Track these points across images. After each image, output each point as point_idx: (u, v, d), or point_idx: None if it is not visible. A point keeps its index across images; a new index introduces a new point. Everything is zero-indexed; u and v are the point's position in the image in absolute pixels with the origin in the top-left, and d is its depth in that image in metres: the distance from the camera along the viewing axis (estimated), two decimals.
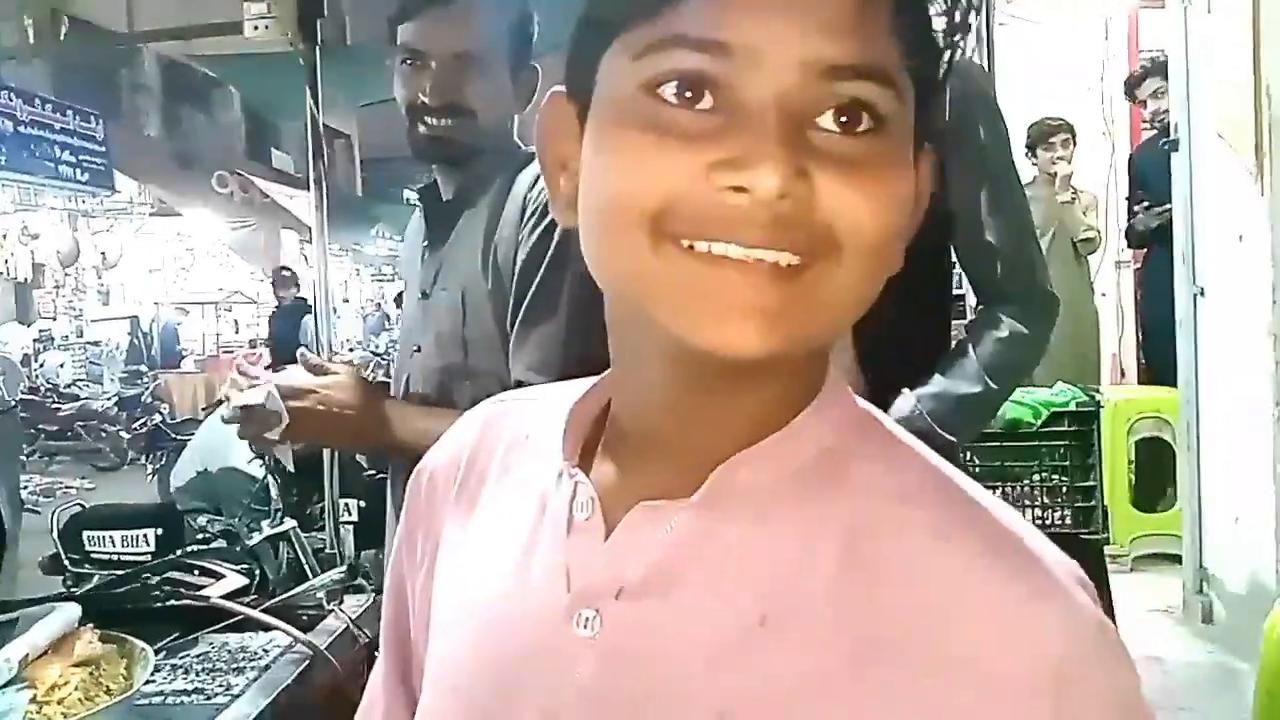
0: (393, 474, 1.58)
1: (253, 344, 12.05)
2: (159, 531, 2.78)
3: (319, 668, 1.47)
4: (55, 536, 2.90)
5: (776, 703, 0.48)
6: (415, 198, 1.61)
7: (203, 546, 2.22)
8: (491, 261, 1.42)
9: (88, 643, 1.30)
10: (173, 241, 12.95)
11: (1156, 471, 4.12)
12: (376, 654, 0.72)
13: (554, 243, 1.33)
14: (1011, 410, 2.97)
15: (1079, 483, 3.08)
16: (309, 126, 1.75)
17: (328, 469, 2.00)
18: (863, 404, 0.57)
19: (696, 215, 0.47)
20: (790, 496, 0.52)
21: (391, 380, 1.59)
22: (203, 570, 1.95)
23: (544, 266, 1.35)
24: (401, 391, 1.54)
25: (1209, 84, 3.35)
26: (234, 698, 1.36)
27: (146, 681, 1.32)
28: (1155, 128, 4.57)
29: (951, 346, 1.46)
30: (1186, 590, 3.61)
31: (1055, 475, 3.08)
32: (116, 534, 2.79)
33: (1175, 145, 3.54)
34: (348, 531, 2.46)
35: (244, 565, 2.05)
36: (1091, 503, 3.08)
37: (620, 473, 0.56)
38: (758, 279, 0.47)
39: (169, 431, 7.57)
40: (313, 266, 2.06)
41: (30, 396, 9.14)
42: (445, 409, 1.41)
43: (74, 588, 2.28)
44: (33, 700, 1.21)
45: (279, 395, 1.39)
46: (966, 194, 1.39)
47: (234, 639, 1.56)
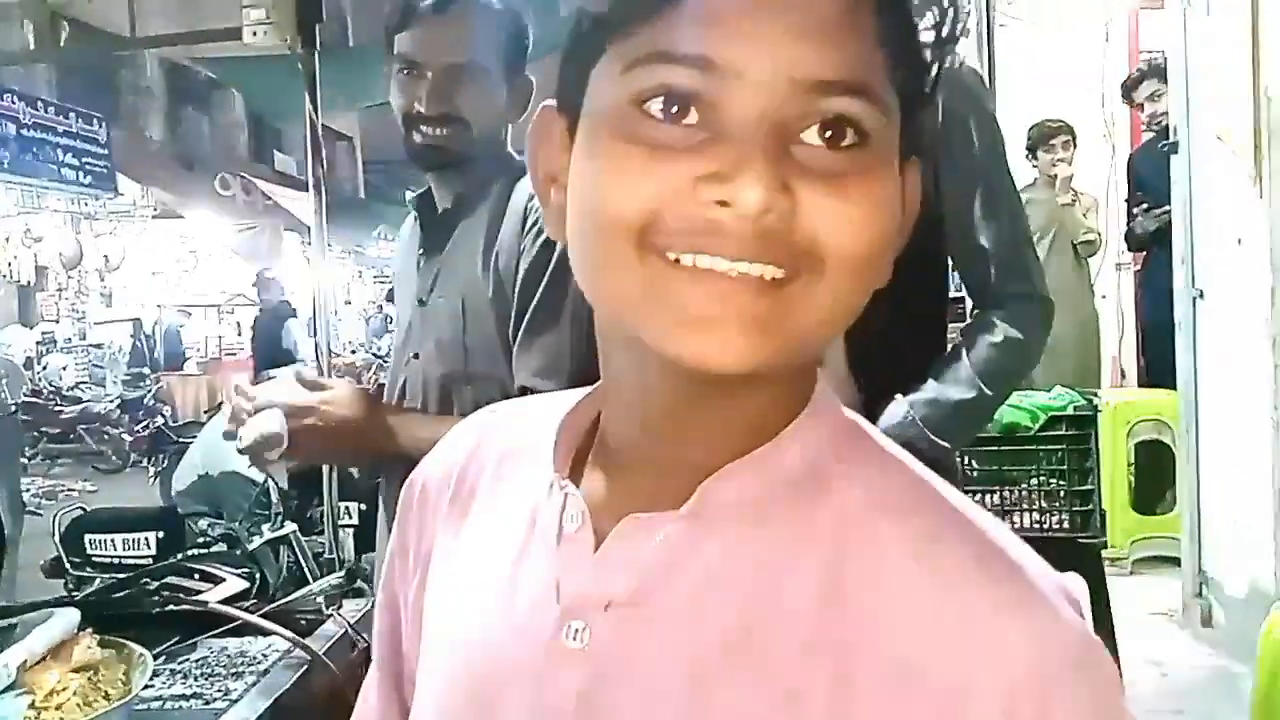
0: (385, 483, 1.58)
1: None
2: (160, 535, 2.78)
3: (317, 672, 1.47)
4: (56, 540, 2.90)
5: (761, 714, 0.49)
6: (411, 206, 1.62)
7: (203, 550, 2.22)
8: (492, 269, 1.43)
9: (86, 648, 1.30)
10: (175, 244, 12.95)
11: (1156, 474, 4.11)
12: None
13: (557, 251, 1.34)
14: (1009, 414, 2.97)
15: (1077, 487, 3.09)
16: (308, 130, 1.76)
17: (327, 473, 2.01)
18: (850, 415, 0.58)
19: (682, 228, 0.48)
20: (777, 509, 0.52)
21: (387, 386, 1.60)
22: (203, 574, 1.96)
23: (547, 274, 1.36)
24: (397, 397, 1.55)
25: (1208, 86, 3.35)
26: (232, 702, 1.37)
27: (145, 686, 1.33)
28: (1154, 130, 4.57)
29: (947, 351, 1.46)
30: (1186, 593, 3.60)
31: (1053, 479, 3.08)
32: (118, 537, 2.79)
33: (1174, 148, 3.53)
34: (347, 535, 2.47)
35: (244, 569, 2.06)
36: (1089, 507, 3.08)
37: (610, 484, 0.57)
38: (742, 292, 0.47)
39: (171, 434, 7.58)
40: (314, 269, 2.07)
41: (33, 399, 9.15)
42: (446, 416, 1.42)
43: (75, 591, 2.29)
44: (31, 706, 1.21)
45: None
46: (960, 199, 1.39)
47: (233, 644, 1.57)
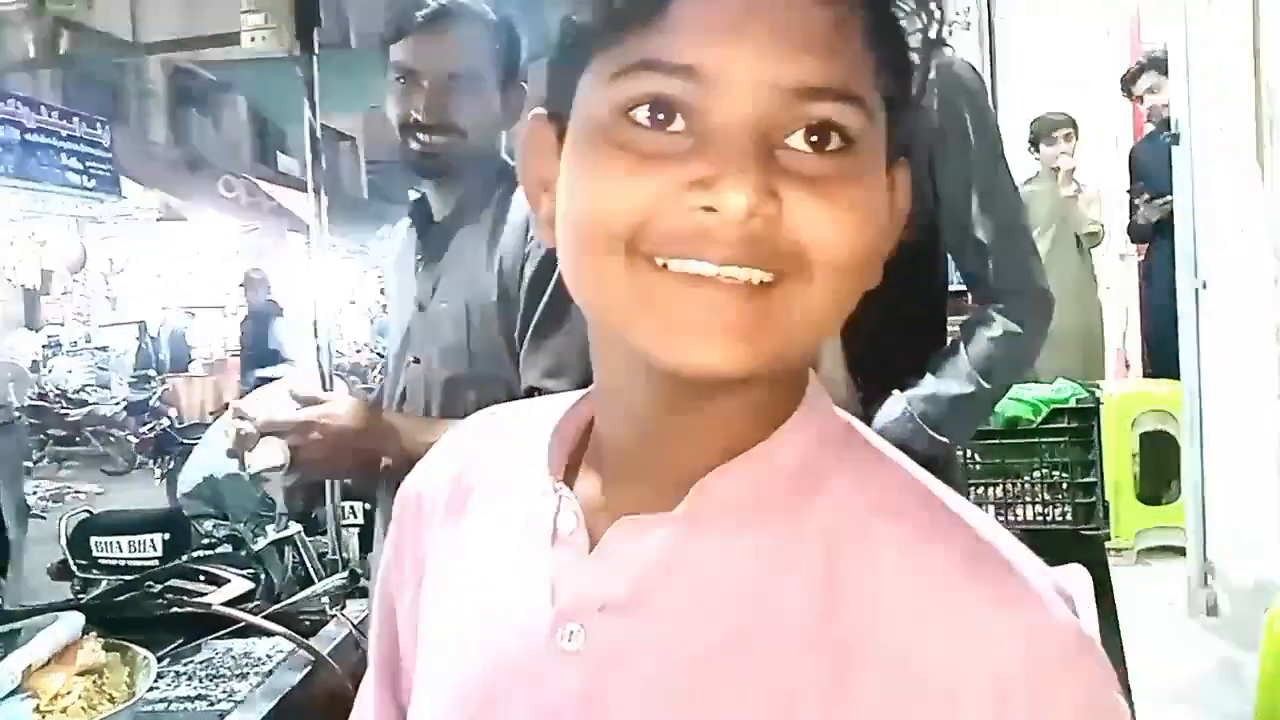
0: (383, 486, 1.58)
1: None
2: (166, 537, 2.79)
3: (322, 673, 1.48)
4: (63, 542, 2.91)
5: (758, 714, 0.49)
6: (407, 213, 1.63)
7: (208, 552, 2.23)
8: (496, 274, 1.44)
9: (91, 651, 1.31)
10: (179, 246, 12.99)
11: (1161, 465, 4.11)
12: None
13: None
14: (1011, 407, 2.97)
15: (1080, 479, 3.08)
16: (307, 135, 1.76)
17: None
18: (843, 415, 0.58)
19: (669, 235, 0.48)
20: (771, 508, 0.52)
21: (386, 391, 1.60)
22: (208, 576, 1.97)
23: (555, 276, 1.37)
24: (397, 403, 1.55)
25: (1210, 76, 3.35)
26: (237, 704, 1.37)
27: (150, 689, 1.34)
28: (1154, 123, 4.56)
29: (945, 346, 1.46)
30: (1191, 583, 3.60)
31: (1056, 471, 3.07)
32: (124, 539, 2.80)
33: (1176, 139, 3.53)
34: (351, 535, 2.48)
35: (249, 570, 2.07)
36: (1092, 499, 3.08)
37: (604, 487, 0.57)
38: (730, 297, 0.47)
39: (177, 436, 7.61)
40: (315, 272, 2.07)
41: (39, 402, 9.19)
42: (449, 420, 1.42)
43: (82, 593, 2.30)
44: (36, 709, 1.22)
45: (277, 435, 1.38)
46: (956, 193, 1.38)
47: (238, 645, 1.57)
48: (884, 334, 1.33)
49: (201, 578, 1.92)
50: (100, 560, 2.77)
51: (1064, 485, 3.07)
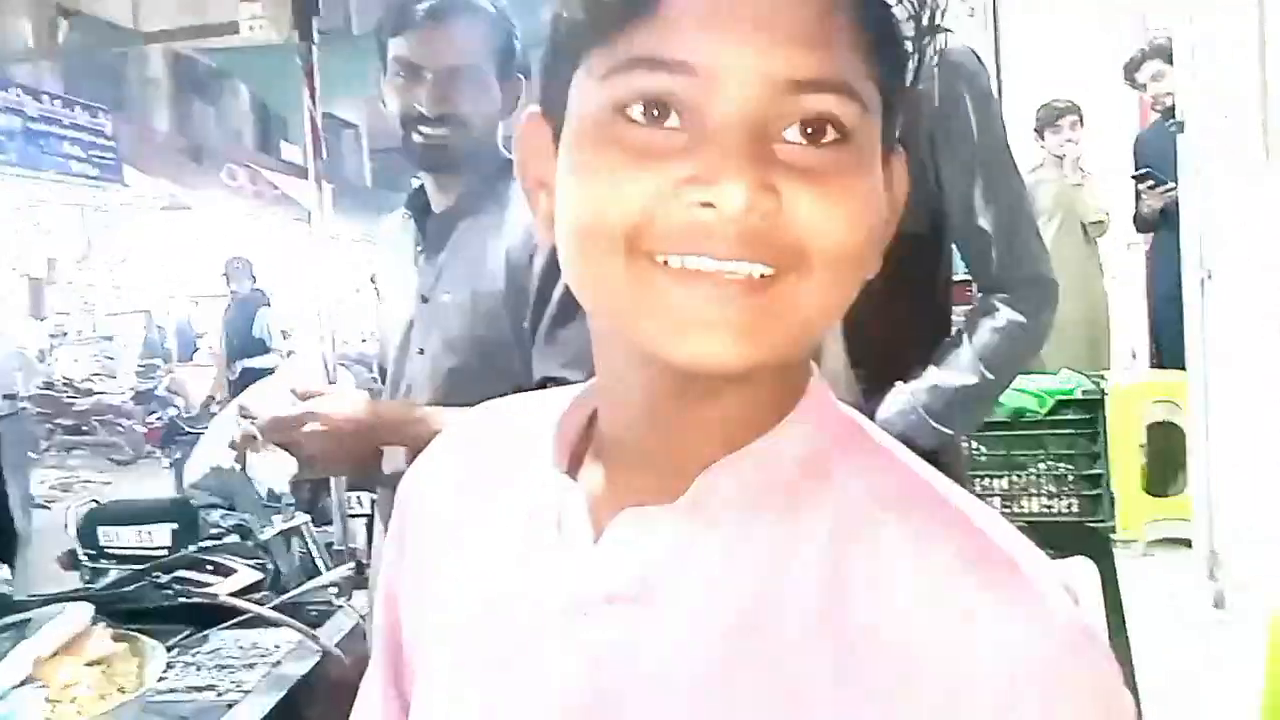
0: (382, 480, 1.58)
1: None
2: (175, 527, 2.79)
3: (329, 664, 1.49)
4: (71, 532, 2.92)
5: (760, 707, 0.49)
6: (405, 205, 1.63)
7: (216, 542, 2.23)
8: (504, 265, 1.45)
9: (100, 641, 1.32)
10: (184, 235, 12.99)
11: (1168, 456, 4.11)
12: None
13: None
14: (1016, 399, 2.96)
15: (1085, 471, 3.07)
16: (307, 123, 1.76)
17: None
18: (844, 409, 0.58)
19: (668, 232, 0.48)
20: (775, 500, 0.53)
21: (389, 383, 1.59)
22: (216, 566, 1.97)
23: None
24: (402, 395, 1.55)
25: (1215, 64, 3.33)
26: (245, 694, 1.38)
27: (159, 679, 1.34)
28: (1158, 111, 4.54)
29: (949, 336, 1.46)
30: (1198, 575, 3.60)
31: (1061, 464, 3.07)
32: (132, 529, 2.80)
33: (1181, 127, 3.51)
34: (359, 525, 2.48)
35: (257, 560, 2.07)
36: (1098, 490, 3.07)
37: (608, 479, 0.57)
38: (730, 292, 0.48)
39: (184, 425, 7.62)
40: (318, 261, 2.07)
41: (46, 391, 9.21)
42: (455, 408, 1.42)
43: (91, 583, 2.30)
44: (45, 700, 1.23)
45: (280, 432, 1.38)
46: (959, 181, 1.38)
47: (245, 635, 1.58)
48: (887, 325, 1.33)
49: (209, 568, 1.92)
50: (108, 550, 2.77)
51: (1069, 477, 3.06)
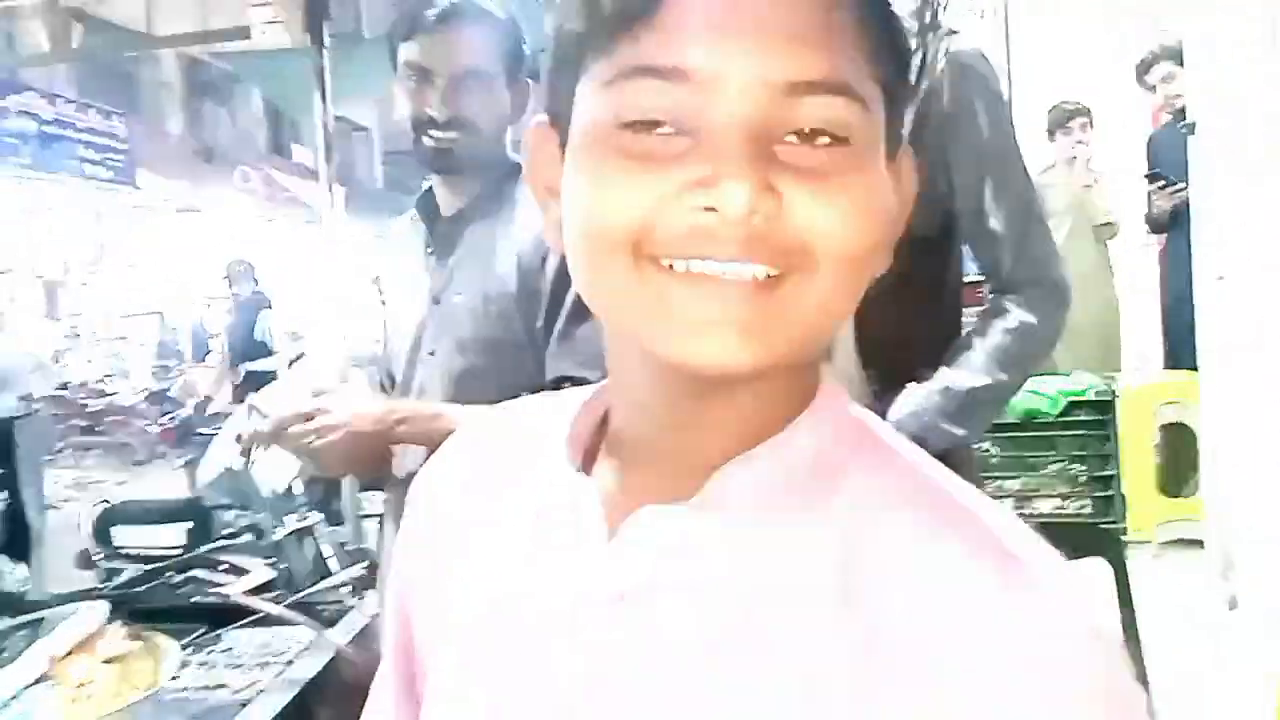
0: (392, 480, 1.59)
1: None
2: (189, 526, 2.81)
3: (341, 663, 1.50)
4: (86, 532, 2.93)
5: (772, 704, 0.49)
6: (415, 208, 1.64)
7: (229, 542, 2.24)
8: (516, 266, 1.46)
9: (115, 640, 1.33)
10: (197, 237, 13.05)
11: (1182, 456, 4.09)
12: None
13: None
14: (1028, 400, 2.95)
15: (1097, 472, 3.06)
16: (320, 126, 1.78)
17: None
18: (856, 409, 0.58)
19: (672, 236, 0.49)
20: (789, 499, 0.53)
21: (399, 384, 1.60)
22: (230, 566, 1.98)
23: None
24: (414, 396, 1.56)
25: (1226, 66, 3.32)
26: (259, 693, 1.39)
27: (173, 677, 1.35)
28: (1169, 113, 4.52)
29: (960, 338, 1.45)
30: (1211, 576, 3.58)
31: (1073, 465, 3.05)
32: (146, 529, 2.82)
33: (1192, 128, 3.50)
34: (371, 525, 2.49)
35: (270, 560, 2.08)
36: (1109, 492, 3.06)
37: (620, 479, 0.57)
38: (735, 294, 0.48)
39: (197, 426, 7.65)
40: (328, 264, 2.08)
41: (60, 393, 9.25)
42: (468, 406, 1.43)
43: (106, 582, 2.32)
44: (61, 697, 1.24)
45: (292, 428, 1.38)
46: (970, 184, 1.38)
47: (259, 634, 1.59)
48: (899, 326, 1.33)
49: (223, 567, 1.94)
50: (123, 550, 2.78)
51: (1081, 478, 3.05)
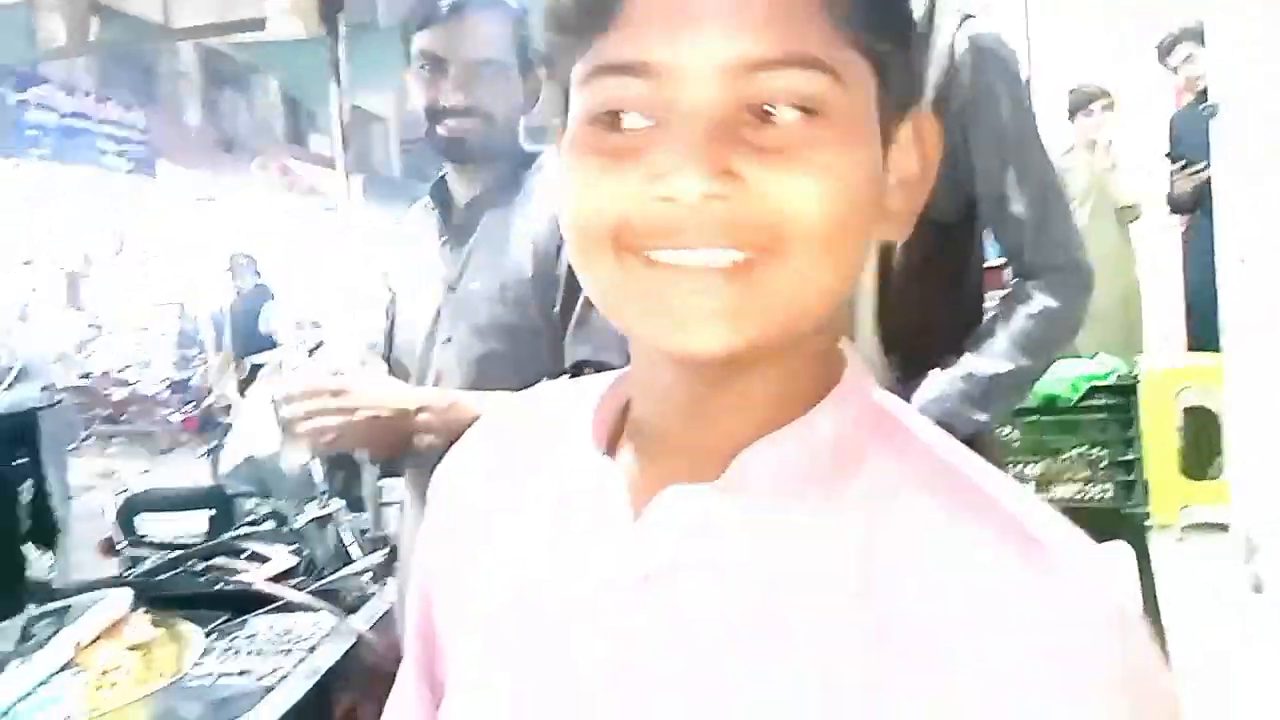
0: (410, 472, 1.59)
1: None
2: (212, 514, 2.83)
3: (362, 649, 1.51)
4: (110, 521, 2.96)
5: (793, 686, 0.49)
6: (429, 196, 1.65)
7: (251, 529, 2.26)
8: (532, 253, 1.47)
9: (139, 627, 1.34)
10: (216, 227, 13.11)
11: (1205, 440, 4.05)
12: None
13: None
14: (1049, 385, 2.92)
15: (1119, 456, 3.04)
16: (336, 115, 1.78)
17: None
18: (880, 393, 0.58)
19: (646, 229, 0.50)
20: (812, 481, 0.53)
21: (416, 371, 1.60)
22: (252, 553, 2.00)
23: None
24: (431, 383, 1.56)
25: (1248, 47, 3.27)
26: (281, 679, 1.40)
27: (196, 664, 1.37)
28: (1191, 94, 4.48)
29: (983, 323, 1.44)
30: (1235, 559, 3.56)
31: (1095, 449, 3.03)
32: (170, 517, 2.84)
33: (1214, 110, 3.46)
34: (392, 512, 2.50)
35: (292, 547, 2.09)
36: (1132, 476, 3.03)
37: (643, 463, 0.58)
38: (711, 281, 0.49)
39: (218, 415, 7.71)
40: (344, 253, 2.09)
41: (84, 383, 9.34)
42: (487, 393, 1.43)
43: (130, 570, 2.34)
44: (87, 684, 1.25)
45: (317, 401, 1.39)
46: (991, 168, 1.37)
47: (281, 621, 1.60)
48: (921, 312, 1.32)
49: (245, 554, 1.95)
50: (146, 538, 2.81)
51: (1103, 462, 3.02)
